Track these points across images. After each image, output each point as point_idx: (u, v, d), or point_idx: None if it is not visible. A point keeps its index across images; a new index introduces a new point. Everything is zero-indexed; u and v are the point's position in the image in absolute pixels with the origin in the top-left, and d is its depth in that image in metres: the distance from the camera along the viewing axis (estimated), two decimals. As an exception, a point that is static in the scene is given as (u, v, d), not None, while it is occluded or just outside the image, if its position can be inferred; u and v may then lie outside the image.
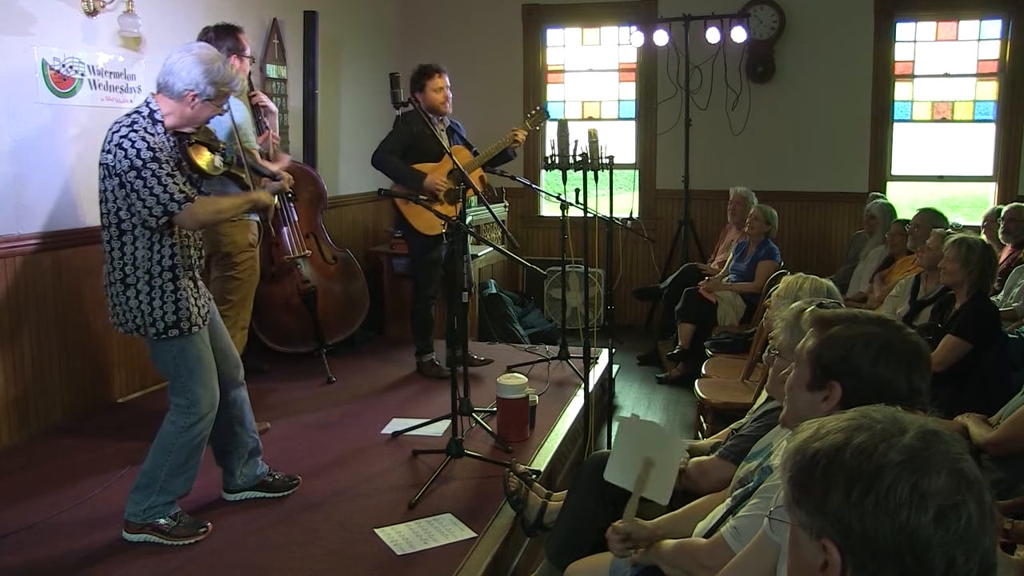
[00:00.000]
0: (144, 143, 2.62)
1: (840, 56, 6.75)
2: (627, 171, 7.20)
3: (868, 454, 0.93)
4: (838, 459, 0.94)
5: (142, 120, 2.67)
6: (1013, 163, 6.58)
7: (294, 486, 3.27)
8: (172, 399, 2.87)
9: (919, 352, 1.56)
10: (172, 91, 2.71)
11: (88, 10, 4.05)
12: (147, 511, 2.84)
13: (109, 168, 2.67)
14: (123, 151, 2.61)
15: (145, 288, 2.74)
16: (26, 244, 3.82)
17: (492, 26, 7.34)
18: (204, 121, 2.86)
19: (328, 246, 5.23)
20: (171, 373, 2.85)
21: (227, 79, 2.76)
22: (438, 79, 4.69)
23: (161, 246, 2.74)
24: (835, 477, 0.94)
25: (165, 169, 2.65)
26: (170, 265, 2.76)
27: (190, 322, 2.80)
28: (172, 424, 2.85)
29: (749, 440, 2.34)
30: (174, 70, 2.70)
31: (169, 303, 2.76)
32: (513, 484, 3.02)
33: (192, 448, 2.87)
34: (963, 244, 3.65)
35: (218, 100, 2.79)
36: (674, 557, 2.04)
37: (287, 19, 5.60)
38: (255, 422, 3.24)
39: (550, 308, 6.99)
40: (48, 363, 3.97)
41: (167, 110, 2.73)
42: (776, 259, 5.58)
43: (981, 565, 0.90)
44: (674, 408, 5.15)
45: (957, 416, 3.04)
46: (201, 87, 2.70)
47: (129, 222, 2.71)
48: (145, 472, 2.86)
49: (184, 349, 2.81)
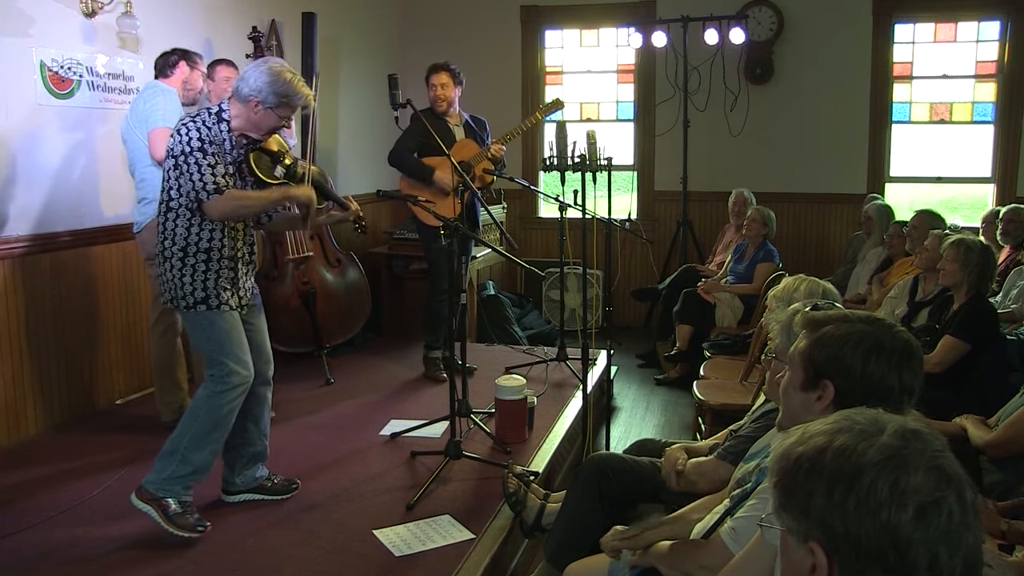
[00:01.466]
0: (197, 133, 2.82)
1: (838, 57, 6.76)
2: (625, 172, 7.20)
3: (848, 455, 0.94)
4: (820, 462, 0.95)
5: (206, 115, 2.87)
6: (1011, 164, 6.58)
7: (293, 490, 3.26)
8: (208, 372, 2.96)
9: (910, 350, 1.57)
10: (239, 94, 2.87)
11: (86, 11, 4.05)
12: (164, 482, 2.87)
13: (169, 150, 2.86)
14: (179, 136, 2.82)
15: (179, 264, 2.89)
16: (25, 245, 3.82)
17: (491, 27, 7.34)
18: (269, 129, 2.96)
19: (332, 248, 5.23)
20: (203, 347, 2.98)
21: (291, 91, 2.87)
22: (433, 75, 4.76)
23: (201, 228, 2.89)
24: (817, 480, 0.95)
25: (208, 160, 2.82)
26: (206, 247, 2.90)
27: (219, 300, 2.92)
28: (204, 389, 2.94)
29: (747, 441, 2.35)
30: (245, 76, 2.87)
31: (199, 281, 2.89)
32: (512, 485, 3.02)
33: (218, 418, 2.92)
34: (962, 245, 3.65)
35: (281, 111, 2.90)
36: (672, 558, 2.04)
37: (286, 20, 5.60)
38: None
39: (548, 309, 6.99)
40: (46, 364, 3.97)
41: (235, 112, 2.91)
42: (774, 261, 5.58)
43: (966, 561, 0.91)
44: (672, 409, 5.15)
45: (955, 418, 3.05)
46: (264, 94, 2.84)
47: (177, 200, 2.87)
48: (172, 439, 2.93)
49: (213, 322, 2.92)
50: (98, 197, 4.22)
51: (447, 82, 4.73)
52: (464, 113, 4.88)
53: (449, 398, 3.51)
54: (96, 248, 4.21)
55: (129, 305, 4.43)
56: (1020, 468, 2.72)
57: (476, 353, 5.17)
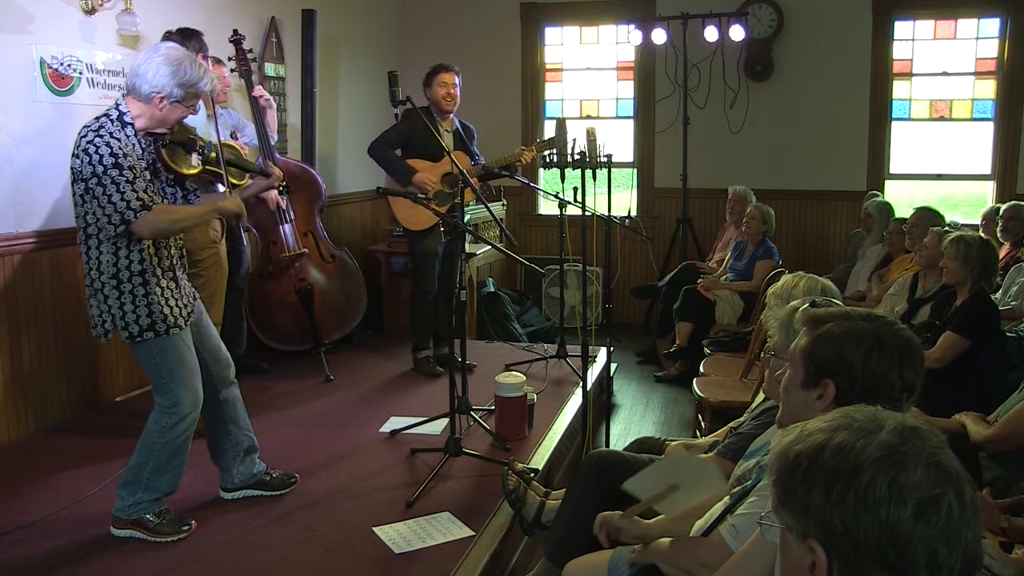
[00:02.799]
0: (107, 148, 2.59)
1: (838, 55, 6.75)
2: (625, 169, 7.19)
3: (846, 452, 0.94)
4: (818, 459, 0.95)
5: (110, 124, 2.65)
6: (1011, 162, 6.58)
7: (291, 484, 3.26)
8: (156, 397, 2.87)
9: (910, 347, 1.57)
10: (139, 93, 2.67)
11: (86, 8, 4.04)
12: (132, 507, 2.85)
13: (76, 172, 2.64)
14: (88, 156, 2.59)
15: (114, 292, 2.72)
16: (25, 242, 3.82)
17: (490, 24, 7.34)
18: (175, 122, 2.81)
19: (326, 244, 5.22)
20: (152, 373, 2.84)
21: (195, 80, 2.69)
22: (444, 75, 4.72)
23: (129, 251, 2.70)
24: (816, 477, 0.95)
25: (126, 176, 2.61)
26: (139, 270, 2.72)
27: (166, 324, 2.76)
28: (155, 423, 2.85)
29: (747, 438, 2.35)
30: (140, 72, 2.65)
31: (142, 306, 2.73)
32: (512, 483, 3.02)
33: (176, 447, 2.87)
34: (961, 242, 3.66)
35: (187, 101, 2.74)
36: (672, 555, 2.04)
37: (286, 18, 5.59)
38: (248, 418, 3.23)
39: (548, 307, 6.99)
40: (46, 361, 3.97)
41: (136, 112, 2.70)
42: (774, 258, 5.58)
43: (965, 557, 0.91)
44: (672, 406, 5.16)
45: (955, 414, 3.05)
46: (168, 89, 2.66)
47: (95, 226, 2.68)
48: (131, 468, 2.87)
49: (164, 350, 2.78)
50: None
51: (456, 83, 4.73)
52: (455, 119, 4.87)
53: (449, 395, 3.51)
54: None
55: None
56: (1019, 464, 2.72)
57: (476, 350, 5.17)
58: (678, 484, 2.11)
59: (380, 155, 4.73)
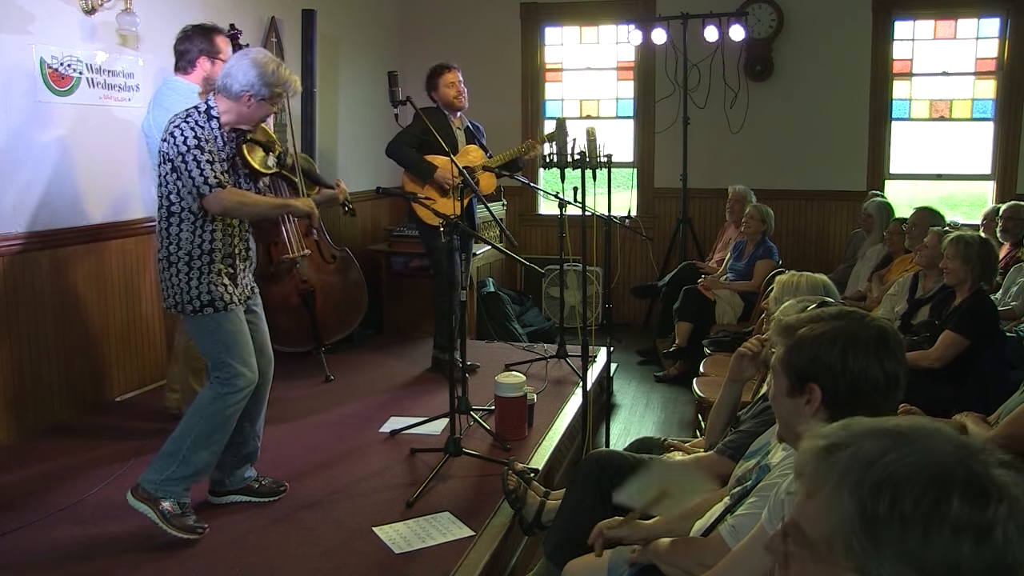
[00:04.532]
0: (191, 132, 2.81)
1: (838, 54, 6.75)
2: (625, 169, 7.19)
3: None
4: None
5: (197, 115, 2.87)
6: (1011, 161, 6.58)
7: (281, 492, 3.25)
8: (212, 374, 2.96)
9: (885, 337, 1.59)
10: (230, 92, 2.87)
11: (86, 8, 4.04)
12: (163, 483, 2.85)
13: (163, 155, 2.85)
14: (174, 139, 2.81)
15: (185, 268, 2.89)
16: (25, 242, 3.82)
17: (490, 24, 7.33)
18: (260, 120, 3.01)
19: (327, 245, 5.22)
20: (210, 350, 2.96)
21: (281, 81, 2.89)
22: (449, 75, 4.74)
23: (203, 231, 2.89)
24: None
25: (206, 156, 2.82)
26: (209, 249, 2.90)
27: (224, 301, 2.91)
28: (210, 389, 2.94)
29: (748, 436, 2.34)
30: (232, 72, 2.86)
31: (204, 284, 2.89)
32: (512, 483, 3.02)
33: (221, 420, 2.92)
34: (961, 241, 3.66)
35: (272, 100, 2.93)
36: (672, 555, 2.04)
37: (286, 17, 5.59)
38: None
39: (548, 306, 6.99)
40: (46, 361, 3.97)
41: (224, 108, 2.91)
42: (774, 258, 5.58)
43: None
44: (672, 406, 5.16)
45: (955, 415, 3.05)
46: (256, 88, 2.85)
47: (178, 204, 2.86)
48: (174, 439, 2.92)
49: (220, 324, 2.92)
50: (97, 194, 4.21)
51: (461, 79, 4.75)
52: (466, 118, 4.88)
53: (449, 395, 3.51)
54: (96, 245, 4.21)
55: (129, 302, 4.43)
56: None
57: (476, 350, 5.17)
58: (666, 490, 2.11)
59: (399, 154, 4.74)
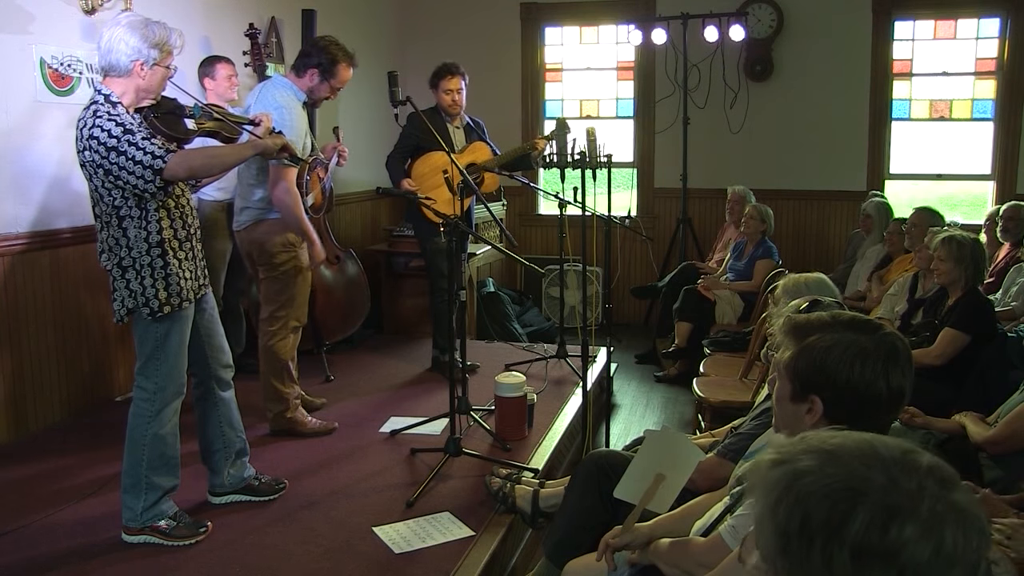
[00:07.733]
0: (112, 122, 2.62)
1: (838, 54, 6.75)
2: (625, 169, 7.19)
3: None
4: None
5: (102, 107, 2.66)
6: (1011, 162, 6.58)
7: (280, 490, 3.24)
8: (138, 380, 2.84)
9: (895, 350, 1.56)
10: (119, 68, 2.68)
11: (86, 8, 4.04)
12: (143, 513, 2.81)
13: (91, 165, 2.66)
14: (96, 140, 2.61)
15: (141, 267, 2.73)
16: (25, 242, 3.82)
17: (490, 24, 7.33)
18: (160, 89, 2.80)
19: (331, 245, 5.22)
20: (148, 354, 2.81)
21: (164, 35, 2.71)
22: (448, 80, 4.71)
23: (148, 222, 2.72)
24: None
25: (141, 133, 2.65)
26: (158, 240, 2.74)
27: (180, 297, 2.78)
28: (138, 414, 2.83)
29: (748, 438, 2.35)
30: (112, 48, 2.66)
31: (160, 279, 2.74)
32: (496, 484, 3.03)
33: (164, 436, 2.84)
34: (953, 242, 3.66)
35: (164, 61, 2.74)
36: (672, 556, 2.04)
37: (285, 18, 5.59)
38: (241, 420, 3.22)
39: (548, 307, 6.99)
40: (46, 361, 3.97)
41: (120, 90, 2.71)
42: (774, 258, 5.58)
43: None
44: (672, 406, 5.16)
45: (955, 415, 3.05)
46: (143, 53, 2.67)
47: (125, 206, 2.70)
48: (127, 472, 2.84)
49: (169, 333, 2.80)
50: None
51: (461, 87, 4.73)
52: (465, 115, 4.87)
53: (449, 395, 3.51)
54: (96, 245, 4.19)
55: (129, 302, 4.42)
56: (1019, 464, 2.72)
57: (476, 350, 5.17)
58: (663, 471, 2.10)
59: (389, 168, 4.75)
